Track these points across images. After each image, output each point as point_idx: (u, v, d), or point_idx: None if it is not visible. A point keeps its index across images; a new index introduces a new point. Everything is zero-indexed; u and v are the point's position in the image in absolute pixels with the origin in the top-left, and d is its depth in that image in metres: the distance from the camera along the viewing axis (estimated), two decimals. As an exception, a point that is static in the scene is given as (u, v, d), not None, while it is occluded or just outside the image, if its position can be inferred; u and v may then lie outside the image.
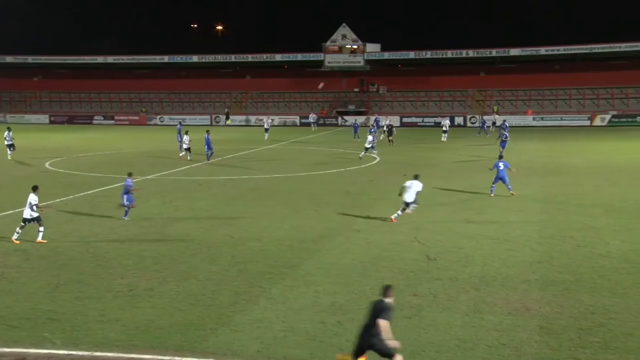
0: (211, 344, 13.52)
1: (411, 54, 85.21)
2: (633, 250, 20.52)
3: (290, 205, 28.60)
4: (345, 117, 78.19)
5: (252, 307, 15.69)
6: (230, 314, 15.27)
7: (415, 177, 24.68)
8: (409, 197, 24.05)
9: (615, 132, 64.36)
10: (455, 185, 33.11)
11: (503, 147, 43.21)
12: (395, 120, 73.52)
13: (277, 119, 78.41)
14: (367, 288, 16.89)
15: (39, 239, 21.56)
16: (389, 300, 11.73)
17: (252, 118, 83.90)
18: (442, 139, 57.47)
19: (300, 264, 19.35)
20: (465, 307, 15.64)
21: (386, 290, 11.88)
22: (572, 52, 77.68)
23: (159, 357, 12.93)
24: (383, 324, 11.26)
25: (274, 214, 26.54)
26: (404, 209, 24.34)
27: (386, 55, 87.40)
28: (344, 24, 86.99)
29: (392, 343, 11.44)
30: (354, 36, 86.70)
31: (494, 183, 29.64)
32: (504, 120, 54.61)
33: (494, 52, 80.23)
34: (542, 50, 78.52)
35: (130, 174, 26.23)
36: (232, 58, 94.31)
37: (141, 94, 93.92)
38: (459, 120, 73.62)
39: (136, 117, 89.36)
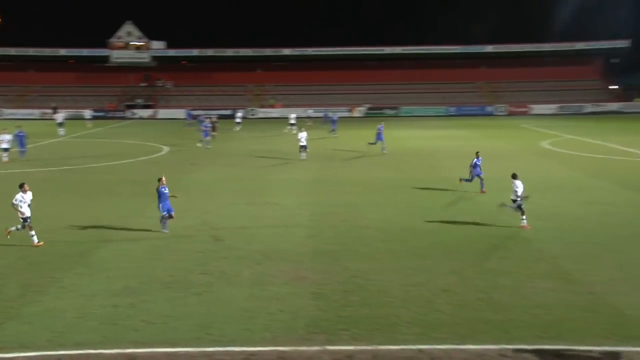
0: (-2, 339, 12.66)
1: (195, 52, 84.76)
2: (385, 221, 22.23)
3: (82, 195, 27.50)
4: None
5: (43, 298, 14.84)
6: (18, 306, 14.30)
7: (514, 177, 21.52)
8: (512, 195, 21.32)
9: (370, 122, 68.42)
10: (241, 172, 33.68)
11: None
12: (180, 113, 73.00)
13: (65, 113, 73.92)
14: (160, 270, 16.82)
15: None
16: None
17: (36, 112, 78.11)
18: (236, 128, 58.05)
19: (92, 252, 18.60)
20: (249, 281, 16.10)
21: None
22: (337, 52, 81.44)
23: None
24: None
25: (65, 205, 25.39)
26: (519, 206, 21.23)
27: (171, 52, 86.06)
28: (128, 21, 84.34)
29: None
30: (139, 33, 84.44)
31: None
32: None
33: (268, 52, 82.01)
34: (310, 51, 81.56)
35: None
36: (13, 52, 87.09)
37: None
38: (239, 113, 74.29)
39: None
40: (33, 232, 19.13)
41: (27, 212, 19.10)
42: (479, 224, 21.71)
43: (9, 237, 19.18)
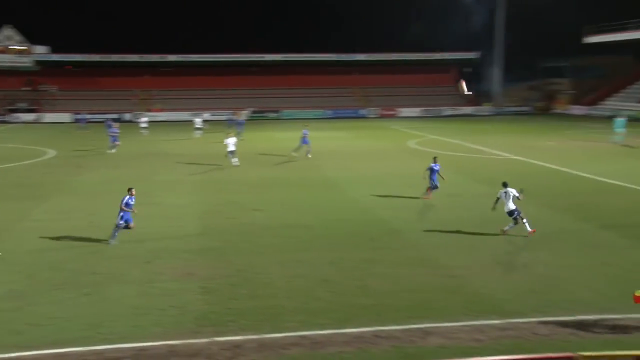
0: None
1: (80, 57, 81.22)
2: (269, 218, 22.34)
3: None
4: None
5: None
6: None
7: (505, 185, 19.75)
8: (511, 205, 19.37)
9: (256, 125, 68.38)
10: (129, 174, 32.63)
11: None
12: (65, 117, 69.94)
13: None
14: (47, 272, 16.08)
15: None
16: None
17: None
18: (143, 132, 54.92)
19: (-21, 257, 17.52)
20: (139, 279, 15.72)
21: None
22: (221, 59, 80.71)
23: None
24: None
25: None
26: (516, 221, 19.40)
27: (55, 57, 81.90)
28: (8, 25, 79.62)
29: None
30: (21, 37, 79.92)
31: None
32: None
33: (154, 57, 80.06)
34: (195, 57, 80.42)
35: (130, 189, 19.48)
36: None
37: None
38: (127, 116, 72.08)
39: None
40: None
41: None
42: (356, 218, 22.24)
43: None
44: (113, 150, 41.58)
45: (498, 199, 19.61)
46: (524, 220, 19.23)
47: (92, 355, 11.50)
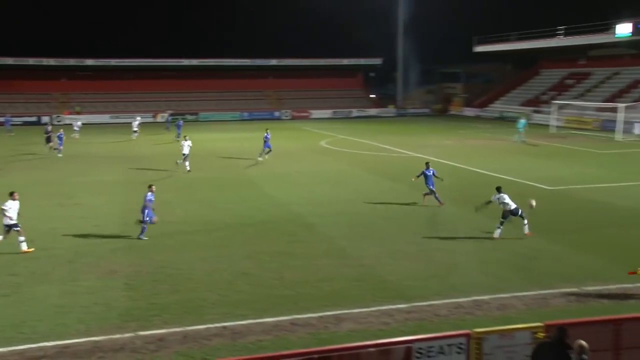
0: None
1: (-5, 60, 76.67)
2: (190, 216, 21.98)
3: None
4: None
5: None
6: None
7: (499, 190, 18.90)
8: (512, 205, 18.51)
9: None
10: (53, 176, 31.23)
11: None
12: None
13: None
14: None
15: None
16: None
17: None
18: (74, 136, 51.23)
19: None
20: (62, 278, 15.10)
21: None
22: (139, 64, 78.29)
23: None
24: None
25: None
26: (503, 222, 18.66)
27: (-31, 61, 76.93)
28: None
29: None
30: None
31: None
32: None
33: (72, 61, 76.69)
34: (113, 62, 77.68)
35: (150, 186, 19.78)
36: None
37: None
38: (45, 119, 68.60)
39: None
40: (23, 238, 17.24)
41: (15, 219, 17.14)
42: (272, 214, 22.22)
43: None
44: (58, 154, 38.80)
45: (490, 202, 18.98)
46: (525, 222, 18.62)
47: (13, 355, 10.96)
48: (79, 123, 53.01)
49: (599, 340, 9.71)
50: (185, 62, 79.69)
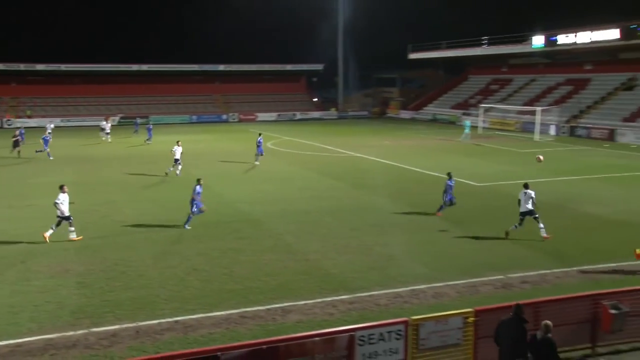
0: None
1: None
2: (141, 215, 21.46)
3: None
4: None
5: None
6: None
7: (526, 187, 18.21)
8: (529, 206, 17.91)
9: (124, 130, 65.15)
10: (4, 176, 29.96)
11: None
12: None
13: None
14: None
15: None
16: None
17: None
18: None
19: None
20: (14, 279, 14.48)
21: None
22: (90, 69, 75.84)
23: None
24: None
25: None
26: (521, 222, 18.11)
27: None
28: None
29: None
30: None
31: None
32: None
33: (22, 66, 73.58)
34: (63, 67, 74.96)
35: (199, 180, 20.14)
36: None
37: None
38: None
39: None
40: (72, 228, 17.92)
41: (67, 211, 17.75)
42: (221, 212, 21.94)
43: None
44: (49, 157, 36.75)
45: (519, 200, 18.17)
46: (541, 225, 17.95)
47: (-34, 356, 10.46)
48: (52, 125, 50.49)
49: None
50: (135, 67, 77.73)
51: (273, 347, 8.82)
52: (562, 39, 56.56)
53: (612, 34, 51.51)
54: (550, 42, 57.75)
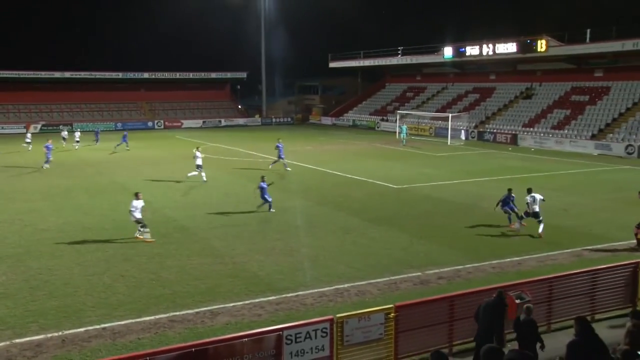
0: None
1: None
2: (66, 223, 20.54)
3: None
4: None
5: None
6: None
7: (529, 191, 19.17)
8: (536, 208, 18.75)
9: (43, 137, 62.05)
10: None
11: None
12: None
13: None
14: None
15: None
16: None
17: None
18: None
19: None
20: None
21: None
22: (8, 76, 71.75)
23: None
24: None
25: None
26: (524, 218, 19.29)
27: None
28: None
29: None
30: None
31: None
32: None
33: None
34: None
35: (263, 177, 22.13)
36: None
37: None
38: None
39: None
40: (147, 229, 18.26)
41: (139, 216, 18.12)
42: (148, 218, 21.29)
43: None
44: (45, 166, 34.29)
45: (528, 204, 18.87)
46: (542, 225, 18.67)
47: None
48: (29, 135, 47.23)
49: (437, 314, 10.59)
50: (58, 74, 74.19)
51: (202, 349, 8.70)
52: (469, 50, 59.07)
53: (511, 48, 54.40)
54: (459, 52, 60.17)
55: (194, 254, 16.78)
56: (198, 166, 29.72)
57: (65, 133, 49.69)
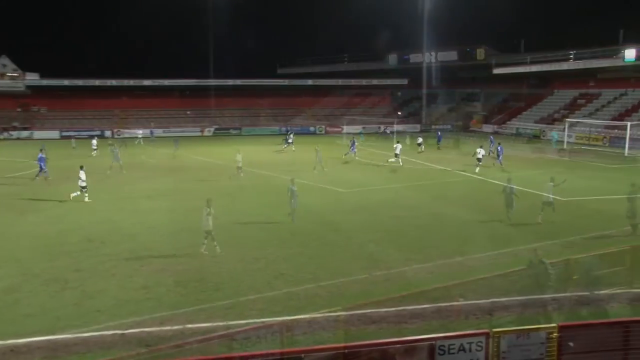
0: None
1: (66, 82, 78.72)
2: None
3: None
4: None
5: None
6: None
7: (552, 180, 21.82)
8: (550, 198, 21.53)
9: (218, 140, 66.78)
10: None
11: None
12: (54, 134, 67.79)
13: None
14: (37, 269, 15.46)
15: None
16: None
17: None
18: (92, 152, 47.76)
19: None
20: (120, 275, 15.29)
21: None
22: (187, 84, 79.67)
23: None
24: None
25: None
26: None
27: (44, 82, 79.05)
28: (3, 55, 77.17)
29: None
30: (14, 66, 77.35)
31: None
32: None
33: (131, 82, 78.33)
34: (166, 82, 79.05)
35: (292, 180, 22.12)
36: None
37: None
38: (108, 133, 70.09)
39: None
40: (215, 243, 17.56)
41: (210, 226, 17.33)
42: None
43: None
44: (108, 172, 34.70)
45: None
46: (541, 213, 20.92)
47: None
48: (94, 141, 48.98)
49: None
50: (239, 82, 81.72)
51: (354, 351, 8.73)
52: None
53: None
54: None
55: (349, 256, 16.96)
56: (239, 167, 32.79)
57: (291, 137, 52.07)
